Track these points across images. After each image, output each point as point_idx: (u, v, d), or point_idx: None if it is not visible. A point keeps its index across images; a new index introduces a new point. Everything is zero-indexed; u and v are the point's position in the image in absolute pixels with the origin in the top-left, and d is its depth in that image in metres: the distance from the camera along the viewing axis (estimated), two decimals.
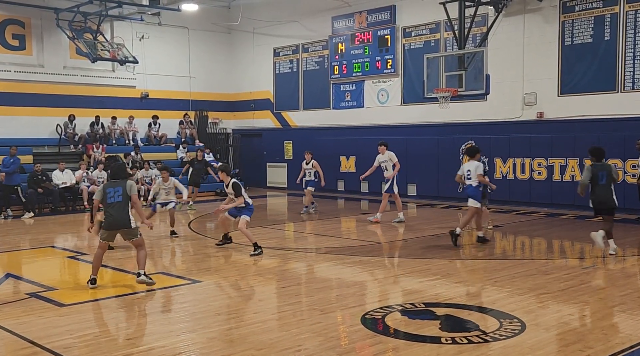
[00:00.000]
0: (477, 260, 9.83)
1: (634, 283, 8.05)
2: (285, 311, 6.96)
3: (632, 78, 14.41)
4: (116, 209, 7.87)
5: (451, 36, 16.47)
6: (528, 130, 16.04)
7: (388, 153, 13.55)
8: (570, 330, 6.07)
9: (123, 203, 7.88)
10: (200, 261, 10.10)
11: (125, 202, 7.89)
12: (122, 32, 21.08)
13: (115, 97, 21.33)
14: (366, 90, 19.86)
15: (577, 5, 15.16)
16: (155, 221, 13.27)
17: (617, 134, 14.33)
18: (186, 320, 6.64)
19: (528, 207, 15.57)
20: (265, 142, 23.19)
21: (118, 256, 10.65)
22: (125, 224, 7.90)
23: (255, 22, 22.22)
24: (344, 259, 9.78)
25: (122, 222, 7.89)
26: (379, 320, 6.40)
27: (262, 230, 12.88)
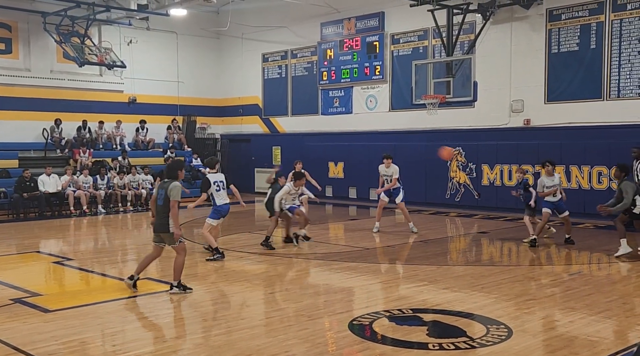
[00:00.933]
0: (464, 266, 9.86)
1: (619, 290, 8.11)
2: (273, 317, 6.93)
3: (617, 86, 14.57)
4: (158, 212, 7.74)
5: (439, 43, 16.57)
6: (515, 137, 16.15)
7: (394, 167, 13.00)
8: (556, 336, 6.09)
9: (163, 206, 7.67)
10: (187, 266, 10.02)
11: (166, 205, 7.65)
12: (110, 36, 20.99)
13: (102, 101, 21.21)
14: (354, 96, 19.91)
15: (564, 14, 15.32)
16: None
17: (603, 142, 14.46)
18: (172, 326, 6.60)
19: (515, 213, 15.65)
20: (254, 147, 23.15)
21: (105, 260, 10.57)
22: (163, 228, 7.73)
23: (244, 27, 22.22)
24: (331, 265, 9.77)
25: (160, 225, 7.73)
26: (366, 326, 6.39)
27: (250, 236, 12.85)
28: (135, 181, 18.67)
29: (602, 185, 14.44)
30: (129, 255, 11.64)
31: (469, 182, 17.05)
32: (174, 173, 7.85)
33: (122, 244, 12.69)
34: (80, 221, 16.26)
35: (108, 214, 17.48)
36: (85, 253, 11.65)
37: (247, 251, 11.09)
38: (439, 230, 13.87)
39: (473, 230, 13.85)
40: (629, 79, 14.36)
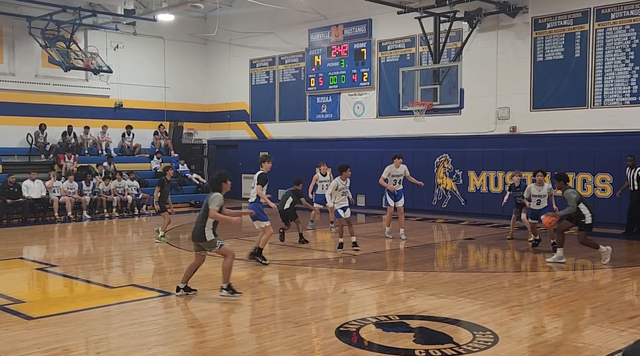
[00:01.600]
0: (450, 273, 9.89)
1: (603, 296, 8.17)
2: (259, 324, 6.90)
3: (601, 94, 14.73)
4: (197, 221, 7.82)
5: (426, 50, 16.67)
6: (501, 144, 16.26)
7: (403, 166, 13.15)
8: (541, 342, 6.12)
9: (201, 216, 7.75)
10: (173, 273, 9.97)
11: (204, 215, 7.70)
12: (96, 41, 20.88)
13: (88, 106, 21.09)
14: (342, 102, 19.96)
15: (549, 23, 15.48)
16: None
17: (587, 149, 14.60)
18: (158, 333, 6.54)
19: (501, 219, 15.74)
20: (241, 153, 23.10)
21: (89, 267, 10.47)
22: (198, 237, 7.76)
23: (231, 33, 22.21)
24: (318, 271, 9.75)
25: (196, 235, 7.78)
26: (353, 333, 6.38)
27: (237, 242, 12.79)
28: (121, 187, 18.55)
29: (587, 192, 14.56)
30: (114, 261, 11.55)
31: (456, 189, 17.13)
32: (218, 186, 7.88)
33: (107, 250, 12.59)
34: (65, 227, 16.11)
35: (93, 220, 17.33)
36: (69, 259, 11.54)
37: (235, 257, 11.03)
38: (425, 237, 13.91)
39: (460, 237, 13.90)
40: (613, 87, 14.53)
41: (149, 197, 19.05)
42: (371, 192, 18.81)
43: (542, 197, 11.58)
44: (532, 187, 11.70)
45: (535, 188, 11.65)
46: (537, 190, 11.61)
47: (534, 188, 11.66)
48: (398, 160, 13.01)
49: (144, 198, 18.91)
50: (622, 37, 14.35)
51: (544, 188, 11.60)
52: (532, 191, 11.66)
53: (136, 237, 15.02)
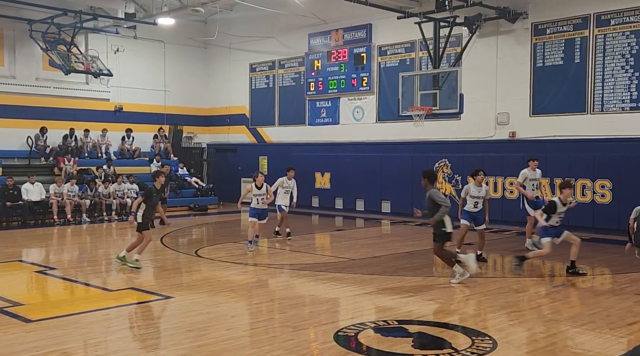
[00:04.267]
0: (449, 278, 9.88)
1: (602, 302, 8.17)
2: (258, 328, 6.89)
3: (601, 100, 14.76)
4: None
5: (426, 55, 16.70)
6: (501, 149, 16.27)
7: (539, 171, 12.03)
8: (540, 348, 6.12)
9: None
10: (172, 276, 9.97)
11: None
12: (96, 44, 20.91)
13: (88, 109, 21.09)
14: (342, 107, 19.98)
15: (548, 28, 15.51)
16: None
17: (587, 155, 14.61)
18: (156, 336, 6.54)
19: (500, 225, 15.74)
20: (240, 157, 23.11)
21: (88, 270, 10.46)
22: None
23: (231, 37, 22.25)
24: (317, 276, 9.75)
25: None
26: (351, 337, 6.37)
27: (236, 246, 12.79)
28: (120, 190, 18.54)
29: (586, 197, 14.57)
30: (113, 264, 11.53)
31: (455, 194, 17.14)
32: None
33: (106, 253, 12.57)
34: (64, 230, 16.10)
35: (92, 223, 17.32)
36: (68, 262, 11.53)
37: (233, 261, 11.04)
38: (424, 242, 13.88)
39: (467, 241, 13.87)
40: (613, 93, 14.55)
41: None
42: (370, 197, 18.81)
43: (480, 198, 10.79)
44: (472, 187, 10.83)
45: (474, 188, 10.81)
46: (477, 191, 10.78)
47: (473, 188, 10.82)
48: (534, 162, 11.88)
49: None
50: (622, 43, 14.38)
51: (482, 189, 10.84)
52: (471, 191, 10.79)
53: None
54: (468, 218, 10.88)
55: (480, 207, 10.82)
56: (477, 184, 10.83)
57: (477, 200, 10.77)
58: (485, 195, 10.87)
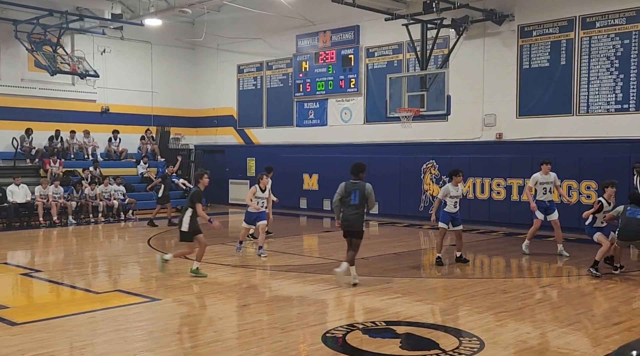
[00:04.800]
0: (437, 279, 9.92)
1: (588, 302, 8.23)
2: (245, 330, 6.88)
3: (586, 102, 14.89)
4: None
5: (413, 57, 16.76)
6: (487, 150, 16.36)
7: (553, 174, 11.75)
8: (527, 348, 6.15)
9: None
10: (160, 278, 9.91)
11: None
12: (83, 45, 20.77)
13: (74, 111, 20.94)
14: (329, 108, 19.99)
15: (535, 31, 15.63)
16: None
17: (573, 156, 14.73)
18: (143, 339, 6.50)
19: (487, 226, 15.83)
20: (228, 158, 23.05)
21: (74, 272, 10.38)
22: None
23: (219, 38, 22.19)
24: (305, 277, 9.74)
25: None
26: (339, 339, 6.37)
27: (224, 247, 12.75)
28: (107, 192, 18.41)
29: (572, 198, 14.67)
30: (100, 266, 11.47)
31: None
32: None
33: (93, 256, 12.49)
34: (50, 232, 15.96)
35: (79, 225, 17.19)
36: (54, 264, 11.43)
37: (221, 262, 11.01)
38: (412, 243, 13.94)
39: (446, 243, 13.93)
40: (598, 95, 14.69)
41: (135, 202, 18.96)
42: None
43: (459, 198, 10.82)
44: (451, 188, 10.74)
45: (453, 188, 10.74)
46: (456, 191, 10.75)
47: (452, 188, 10.74)
48: (547, 166, 11.67)
49: (130, 203, 18.81)
50: (607, 46, 14.52)
51: (459, 189, 10.86)
52: (451, 192, 10.71)
53: (122, 242, 14.92)
54: (448, 220, 10.79)
55: (459, 207, 10.85)
56: (454, 184, 10.78)
57: (457, 200, 10.78)
58: (462, 195, 11.02)
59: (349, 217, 8.93)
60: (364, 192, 8.89)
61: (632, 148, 14.09)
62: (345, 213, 8.96)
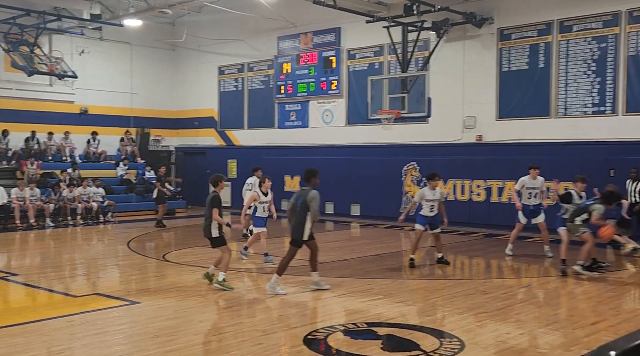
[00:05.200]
0: (418, 280, 9.96)
1: (566, 302, 8.32)
2: (226, 333, 6.83)
3: (564, 104, 15.07)
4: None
5: (394, 59, 16.83)
6: (468, 152, 16.48)
7: (541, 178, 11.80)
8: (507, 348, 6.20)
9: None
10: (139, 281, 9.82)
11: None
12: (61, 45, 20.53)
13: (52, 112, 20.68)
14: (311, 110, 19.99)
15: (514, 34, 15.79)
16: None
17: (551, 158, 14.88)
18: (122, 342, 6.42)
19: (467, 227, 15.93)
20: (209, 160, 22.92)
21: (52, 276, 10.24)
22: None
23: (200, 39, 22.08)
24: (286, 279, 9.70)
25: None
26: (321, 341, 6.36)
27: (204, 250, 12.67)
28: (85, 194, 18.21)
29: (551, 200, 14.81)
30: (78, 270, 11.33)
31: None
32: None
33: (71, 259, 12.33)
34: (27, 235, 15.73)
35: (56, 228, 16.97)
36: (31, 268, 11.27)
37: (202, 265, 10.93)
38: (393, 244, 13.99)
39: (427, 244, 14.01)
40: (576, 97, 14.88)
41: (114, 204, 18.77)
42: (340, 200, 18.84)
43: (436, 201, 10.79)
44: (426, 191, 10.79)
45: (429, 192, 10.76)
46: (432, 195, 10.75)
47: (428, 192, 10.77)
48: (535, 170, 11.71)
49: (109, 206, 18.61)
50: (584, 49, 14.72)
51: (437, 192, 10.82)
52: (427, 195, 10.73)
53: (101, 245, 14.76)
54: (424, 223, 10.81)
55: (437, 211, 10.83)
56: (431, 188, 10.81)
57: (433, 204, 10.76)
58: (440, 198, 10.87)
59: (291, 224, 8.69)
60: (305, 199, 8.51)
61: (608, 150, 14.30)
62: (290, 220, 8.74)
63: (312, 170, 8.93)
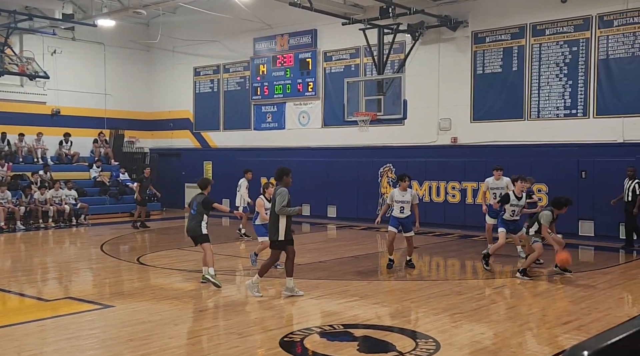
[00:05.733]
0: (394, 281, 10.00)
1: (539, 302, 8.43)
2: (202, 336, 6.78)
3: (537, 107, 15.28)
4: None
5: (371, 61, 16.89)
6: (443, 154, 16.61)
7: (506, 179, 11.88)
8: (481, 348, 6.25)
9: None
10: (113, 285, 9.69)
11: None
12: (32, 45, 20.19)
13: (23, 113, 20.32)
14: (287, 112, 19.96)
15: (488, 37, 15.97)
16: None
17: (524, 160, 15.09)
18: (95, 347, 6.33)
19: (443, 228, 16.06)
20: (184, 162, 22.75)
21: (22, 280, 10.05)
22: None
23: (175, 40, 21.90)
24: (262, 281, 9.66)
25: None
26: (297, 343, 6.35)
27: (179, 252, 12.56)
28: (58, 196, 17.91)
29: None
30: (50, 273, 11.13)
31: None
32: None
33: (42, 262, 12.12)
34: None
35: (28, 231, 16.67)
36: (1, 272, 11.03)
37: (177, 268, 10.84)
38: (369, 246, 14.03)
39: (403, 246, 14.08)
40: (548, 100, 15.10)
41: (87, 207, 18.51)
42: (316, 202, 18.84)
43: (406, 203, 10.50)
44: (396, 193, 10.58)
45: (398, 193, 10.53)
46: (401, 196, 10.49)
47: (398, 193, 10.54)
48: (498, 172, 11.94)
49: (82, 208, 18.35)
50: (556, 53, 14.95)
51: (407, 194, 10.53)
52: (396, 196, 10.53)
53: (74, 248, 14.54)
54: (396, 225, 10.65)
55: (408, 213, 10.58)
56: (401, 189, 10.59)
57: (403, 205, 10.54)
58: (413, 200, 10.60)
59: (268, 225, 8.51)
60: (275, 197, 8.35)
61: (580, 152, 14.55)
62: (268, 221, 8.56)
63: (284, 169, 8.73)
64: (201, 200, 9.31)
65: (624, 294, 8.79)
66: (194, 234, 9.33)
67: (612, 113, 14.23)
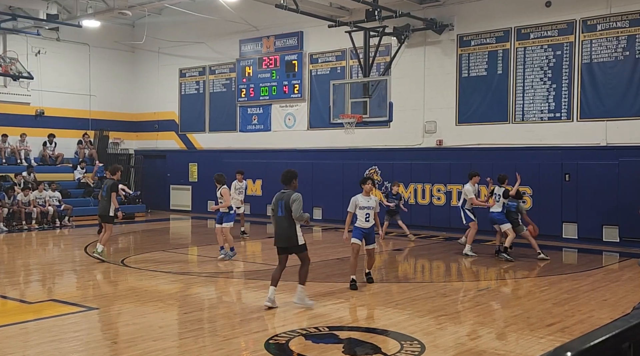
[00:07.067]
0: (379, 283, 10.02)
1: (523, 304, 8.49)
2: (186, 338, 6.74)
3: (522, 110, 15.41)
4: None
5: (356, 64, 16.93)
6: (428, 156, 16.69)
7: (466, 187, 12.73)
8: (466, 350, 6.28)
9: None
10: (97, 286, 9.61)
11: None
12: (16, 45, 20.00)
13: (6, 113, 20.10)
14: (273, 114, 19.94)
15: (473, 40, 16.08)
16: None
17: (509, 162, 15.20)
18: (79, 349, 6.27)
19: (428, 230, 16.12)
20: (170, 163, 22.64)
21: (5, 282, 9.93)
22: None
23: (160, 41, 21.80)
24: (248, 283, 9.65)
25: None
26: (282, 345, 6.34)
27: (164, 254, 12.49)
28: (41, 198, 17.74)
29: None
30: (33, 275, 11.01)
31: (384, 200, 17.41)
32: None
33: (25, 264, 11.99)
34: None
35: (10, 232, 16.48)
36: None
37: (161, 270, 10.78)
38: None
39: (388, 248, 14.12)
40: (532, 103, 15.23)
41: (71, 208, 18.35)
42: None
43: (370, 209, 9.32)
44: (359, 198, 9.38)
45: (362, 198, 9.36)
46: (365, 201, 9.31)
47: (361, 198, 9.36)
48: (476, 178, 12.68)
49: (66, 210, 18.18)
50: (541, 56, 15.09)
51: (372, 200, 9.41)
52: (359, 202, 9.33)
53: (57, 250, 14.40)
54: (360, 237, 9.28)
55: (372, 222, 9.34)
56: (365, 194, 9.39)
57: (368, 212, 9.27)
58: (375, 206, 9.39)
59: (278, 231, 8.03)
60: (288, 201, 7.89)
61: (563, 155, 14.69)
62: (275, 227, 8.11)
63: (292, 172, 8.19)
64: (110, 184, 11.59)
65: (607, 296, 8.88)
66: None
67: (595, 117, 14.39)
